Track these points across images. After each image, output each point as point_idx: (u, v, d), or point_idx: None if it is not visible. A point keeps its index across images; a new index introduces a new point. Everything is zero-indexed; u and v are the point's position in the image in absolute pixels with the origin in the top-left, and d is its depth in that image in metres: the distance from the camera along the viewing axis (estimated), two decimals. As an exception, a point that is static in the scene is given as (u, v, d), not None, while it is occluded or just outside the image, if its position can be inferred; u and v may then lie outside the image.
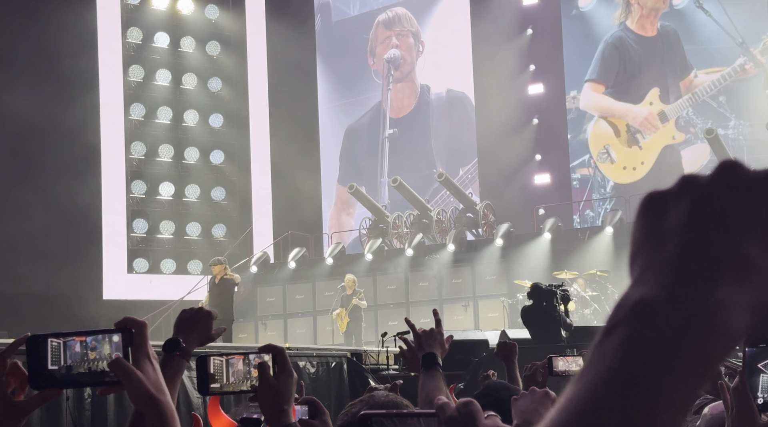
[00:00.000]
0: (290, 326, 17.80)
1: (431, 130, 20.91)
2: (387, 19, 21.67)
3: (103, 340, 1.33)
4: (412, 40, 21.34)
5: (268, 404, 1.60)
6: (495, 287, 16.22)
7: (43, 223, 18.01)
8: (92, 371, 1.32)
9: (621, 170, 18.87)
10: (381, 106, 21.58)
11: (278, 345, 1.67)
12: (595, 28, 19.35)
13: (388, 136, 21.37)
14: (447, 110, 20.79)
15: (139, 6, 20.57)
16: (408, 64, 21.34)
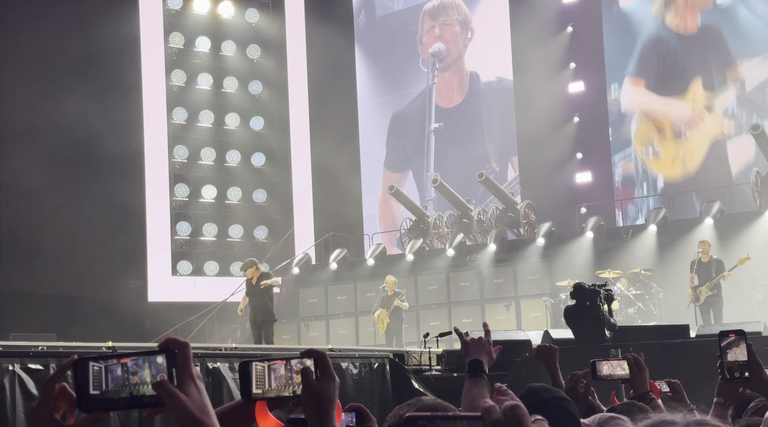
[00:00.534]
0: (332, 326, 17.86)
1: (482, 121, 20.80)
2: (432, 8, 21.65)
3: (143, 364, 1.34)
4: (458, 28, 21.27)
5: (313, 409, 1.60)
6: (537, 286, 16.11)
7: (90, 227, 18.31)
8: (134, 395, 1.33)
9: (669, 164, 18.60)
10: (427, 97, 21.57)
11: (320, 349, 1.67)
12: (636, 25, 19.14)
13: (433, 130, 21.34)
14: (497, 99, 20.68)
15: (180, 11, 20.80)
16: (454, 54, 21.28)
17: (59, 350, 6.90)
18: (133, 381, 1.33)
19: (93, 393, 1.33)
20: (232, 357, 7.88)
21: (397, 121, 21.93)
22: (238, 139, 20.97)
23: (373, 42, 22.41)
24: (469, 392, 2.49)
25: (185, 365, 1.34)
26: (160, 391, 1.30)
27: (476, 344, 2.64)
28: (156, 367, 1.33)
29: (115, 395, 1.33)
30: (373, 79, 22.39)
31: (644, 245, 15.52)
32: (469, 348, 2.63)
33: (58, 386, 1.40)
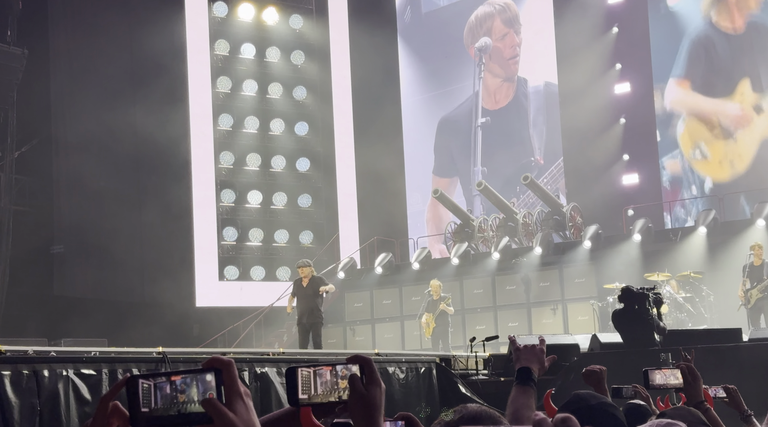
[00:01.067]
0: (378, 331, 17.88)
1: (529, 121, 20.69)
2: (484, 7, 21.57)
3: (191, 382, 1.36)
4: (508, 29, 21.20)
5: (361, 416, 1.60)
6: (584, 289, 15.96)
7: (138, 233, 18.58)
8: (182, 413, 1.36)
9: (717, 166, 18.30)
10: (474, 95, 21.50)
11: (366, 356, 1.67)
12: (684, 25, 18.88)
13: (480, 125, 21.28)
14: (545, 104, 20.56)
15: (225, 19, 21.03)
16: (502, 53, 21.19)
17: (111, 355, 7.01)
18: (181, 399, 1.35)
19: (143, 411, 1.36)
20: (280, 362, 7.94)
21: (445, 126, 21.89)
22: (283, 144, 21.13)
23: (419, 39, 22.43)
24: (516, 399, 2.47)
25: (232, 384, 1.36)
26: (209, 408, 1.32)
27: (528, 351, 2.62)
28: (204, 385, 1.35)
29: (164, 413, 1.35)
30: (417, 77, 22.40)
31: (694, 247, 15.30)
32: (521, 355, 2.61)
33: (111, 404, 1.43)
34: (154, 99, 18.69)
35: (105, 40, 18.53)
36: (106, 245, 17.62)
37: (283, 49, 21.45)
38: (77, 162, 18.09)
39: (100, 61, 18.30)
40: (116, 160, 18.13)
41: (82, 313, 16.10)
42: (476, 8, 21.64)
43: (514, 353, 2.63)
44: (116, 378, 6.52)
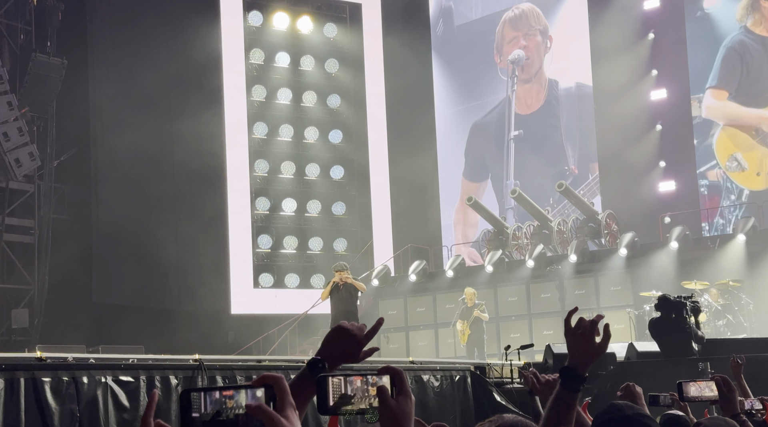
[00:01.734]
0: (412, 338, 17.87)
1: (561, 125, 20.59)
2: (514, 17, 21.52)
3: (239, 392, 1.40)
4: (539, 37, 21.13)
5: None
6: (620, 298, 15.82)
7: (174, 241, 18.75)
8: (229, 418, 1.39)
9: (755, 177, 18.06)
10: (507, 105, 21.45)
11: (396, 367, 1.67)
12: (722, 29, 18.67)
13: (513, 138, 21.21)
14: (577, 105, 20.44)
15: (261, 27, 21.21)
16: (535, 63, 21.13)
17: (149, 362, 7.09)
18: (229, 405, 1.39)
19: (194, 415, 1.40)
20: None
21: (476, 130, 21.86)
22: (317, 152, 21.23)
23: (451, 51, 22.42)
24: (556, 403, 2.27)
25: (284, 395, 1.39)
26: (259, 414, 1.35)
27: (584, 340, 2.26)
28: (253, 397, 1.39)
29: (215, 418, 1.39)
30: (450, 89, 22.39)
31: (732, 255, 15.10)
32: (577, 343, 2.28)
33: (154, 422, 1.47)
34: (191, 107, 18.88)
35: (142, 50, 18.77)
36: (143, 252, 17.82)
37: (317, 57, 21.57)
38: (115, 171, 18.33)
39: (137, 70, 18.55)
40: (153, 168, 18.33)
41: (120, 320, 16.28)
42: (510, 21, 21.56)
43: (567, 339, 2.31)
44: (153, 385, 6.59)
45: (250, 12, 21.06)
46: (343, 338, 2.06)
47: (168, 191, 18.90)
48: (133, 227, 17.74)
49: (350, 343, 2.06)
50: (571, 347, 2.30)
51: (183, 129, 18.56)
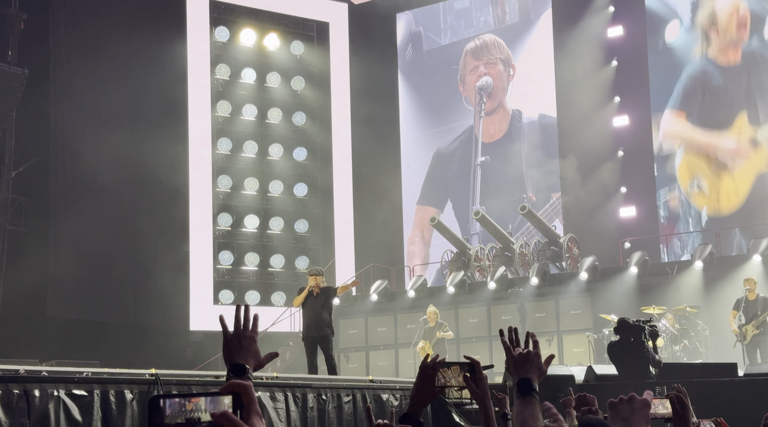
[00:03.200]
0: (372, 358, 17.80)
1: (522, 155, 20.77)
2: (475, 47, 21.71)
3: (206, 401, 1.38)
4: (501, 66, 21.32)
5: None
6: (580, 321, 15.92)
7: (134, 255, 18.53)
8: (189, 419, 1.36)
9: (714, 199, 18.35)
10: (472, 132, 21.57)
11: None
12: (682, 59, 19.01)
13: (480, 164, 21.32)
14: (538, 136, 20.64)
15: (227, 43, 21.16)
16: (499, 90, 21.32)
17: (103, 376, 6.97)
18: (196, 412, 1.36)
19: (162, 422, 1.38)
20: (274, 386, 7.89)
21: (439, 158, 21.93)
22: (281, 169, 21.17)
23: (419, 76, 22.53)
24: (521, 412, 2.39)
25: (251, 403, 1.36)
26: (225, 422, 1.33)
27: (525, 358, 2.50)
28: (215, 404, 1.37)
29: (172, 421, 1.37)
30: (417, 113, 22.48)
31: (690, 282, 15.28)
32: (517, 364, 2.50)
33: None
34: (154, 121, 18.74)
35: (107, 63, 18.61)
36: (100, 266, 17.57)
37: (283, 74, 21.56)
38: (75, 183, 18.09)
39: (100, 82, 18.37)
40: (115, 181, 18.13)
41: (76, 335, 16.01)
42: (472, 51, 21.75)
43: (509, 363, 2.52)
44: (108, 400, 6.47)
45: (216, 27, 21.00)
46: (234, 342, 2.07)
47: (129, 205, 18.70)
48: (92, 240, 17.49)
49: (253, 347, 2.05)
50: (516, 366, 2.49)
51: (146, 143, 18.40)
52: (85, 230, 17.63)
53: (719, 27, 18.37)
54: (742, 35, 18.22)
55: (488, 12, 21.76)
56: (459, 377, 2.26)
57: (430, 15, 22.39)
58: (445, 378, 2.24)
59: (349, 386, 8.84)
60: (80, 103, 18.25)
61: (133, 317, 18.69)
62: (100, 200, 17.93)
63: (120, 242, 17.97)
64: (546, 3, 20.83)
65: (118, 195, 18.30)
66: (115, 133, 17.97)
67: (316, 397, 8.27)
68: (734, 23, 18.24)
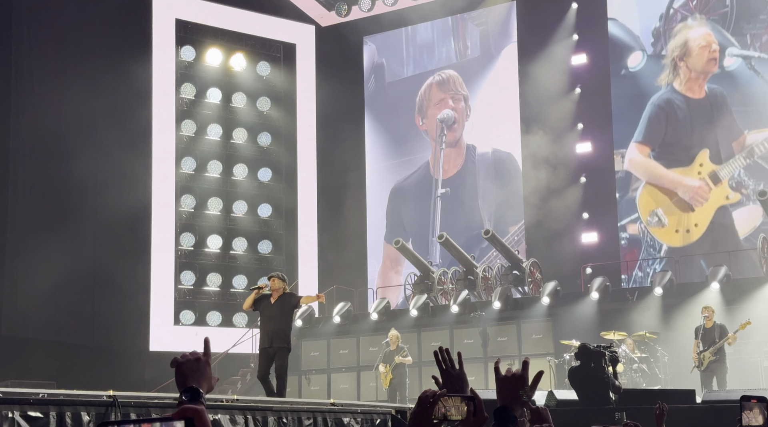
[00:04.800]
0: (334, 380, 17.71)
1: (478, 190, 20.91)
2: (441, 80, 21.86)
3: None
4: (463, 103, 21.52)
5: None
6: (541, 345, 16.00)
7: (92, 272, 18.30)
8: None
9: (673, 233, 18.60)
10: (429, 166, 21.64)
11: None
12: (645, 87, 19.31)
13: (440, 196, 21.40)
14: (493, 170, 20.81)
15: (193, 62, 21.10)
16: (459, 125, 21.47)
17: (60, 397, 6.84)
18: None
19: None
20: (233, 409, 7.81)
21: (396, 194, 21.92)
22: (245, 190, 21.09)
23: (381, 107, 22.61)
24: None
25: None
26: None
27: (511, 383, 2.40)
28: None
29: None
30: (379, 144, 22.53)
31: (650, 308, 15.44)
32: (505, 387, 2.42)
33: None
34: (118, 139, 18.58)
35: (71, 78, 18.43)
36: (58, 285, 17.30)
37: (249, 95, 21.54)
38: (35, 199, 17.85)
39: (64, 98, 18.19)
40: (76, 198, 17.92)
41: (32, 354, 15.73)
42: (438, 84, 21.90)
43: (497, 384, 2.43)
44: (64, 422, 6.36)
45: (182, 47, 20.95)
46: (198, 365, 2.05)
47: (89, 223, 18.48)
48: (49, 256, 17.24)
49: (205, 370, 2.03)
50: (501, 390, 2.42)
51: (109, 160, 18.23)
52: (42, 246, 17.37)
53: (690, 60, 18.68)
54: (711, 69, 18.54)
55: (450, 45, 21.95)
56: (461, 407, 2.21)
57: (393, 45, 22.51)
58: (446, 407, 2.21)
59: (310, 409, 8.78)
60: (43, 119, 18.04)
61: (92, 337, 18.42)
62: (59, 218, 17.70)
63: (79, 259, 17.73)
64: (507, 38, 21.08)
65: (79, 212, 18.08)
66: (78, 150, 17.79)
67: (276, 420, 8.20)
68: (705, 57, 18.57)
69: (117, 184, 18.33)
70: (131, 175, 18.84)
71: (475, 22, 21.56)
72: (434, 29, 22.01)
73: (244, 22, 21.59)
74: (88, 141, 18.33)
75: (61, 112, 18.08)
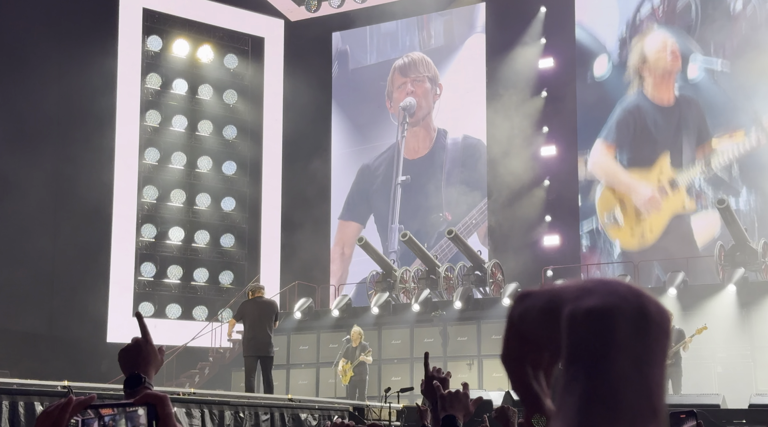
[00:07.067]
0: (293, 376, 17.66)
1: (444, 175, 20.97)
2: (403, 64, 21.91)
3: (121, 418, 1.33)
4: (428, 84, 21.55)
5: None
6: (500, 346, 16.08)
7: (51, 262, 18.07)
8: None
9: (629, 236, 18.84)
10: (396, 150, 21.70)
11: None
12: (610, 95, 19.49)
13: (401, 183, 21.45)
14: (461, 156, 20.88)
15: (159, 53, 20.90)
16: (424, 108, 21.52)
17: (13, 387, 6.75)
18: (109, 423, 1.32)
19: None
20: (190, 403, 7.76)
21: (365, 172, 21.99)
22: (209, 182, 20.95)
23: (346, 94, 22.62)
24: None
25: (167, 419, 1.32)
26: None
27: (453, 397, 2.53)
28: (134, 421, 1.32)
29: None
30: (345, 130, 22.53)
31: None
32: (445, 402, 2.53)
33: None
34: (80, 127, 18.36)
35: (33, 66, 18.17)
36: (15, 273, 17.05)
37: (216, 87, 21.39)
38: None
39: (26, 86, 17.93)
40: (35, 186, 17.67)
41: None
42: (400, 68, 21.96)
43: (439, 400, 2.56)
44: (17, 412, 6.27)
45: (149, 36, 20.74)
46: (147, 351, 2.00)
47: (49, 212, 18.24)
48: (8, 244, 16.99)
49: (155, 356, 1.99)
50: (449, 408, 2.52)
51: (71, 149, 18.01)
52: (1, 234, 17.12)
53: (650, 66, 18.90)
54: (674, 68, 18.74)
55: (414, 35, 22.01)
56: None
57: (357, 33, 22.53)
58: None
59: (267, 405, 8.76)
60: (4, 106, 17.76)
61: (48, 326, 18.18)
62: (18, 205, 17.44)
63: (39, 247, 17.49)
64: (471, 29, 21.20)
65: (39, 201, 17.84)
66: (40, 137, 17.55)
67: (233, 415, 8.16)
68: (665, 57, 18.78)
69: (78, 173, 18.10)
70: (93, 165, 18.61)
71: (440, 12, 21.66)
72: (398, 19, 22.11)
73: (213, 14, 21.44)
74: (50, 129, 18.09)
75: (23, 100, 17.81)
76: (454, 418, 2.48)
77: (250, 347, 10.65)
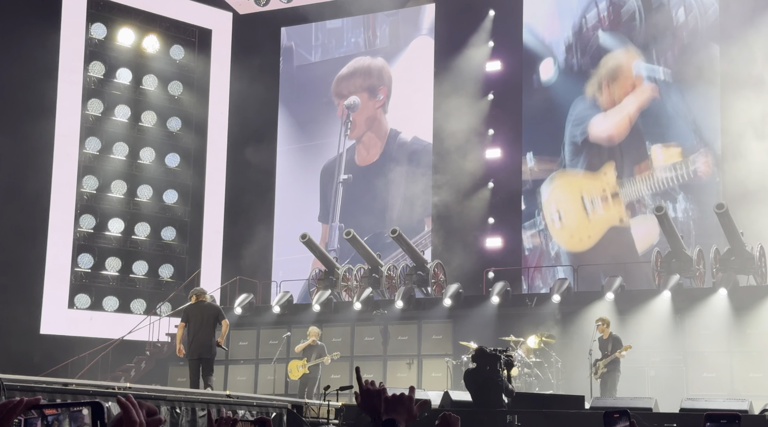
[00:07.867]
0: (231, 372, 17.51)
1: (390, 175, 20.97)
2: (350, 66, 21.89)
3: (64, 418, 1.29)
4: (376, 84, 21.54)
5: None
6: (440, 346, 16.17)
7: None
8: None
9: (569, 237, 19.10)
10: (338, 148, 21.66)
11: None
12: (556, 100, 19.70)
13: (342, 182, 21.42)
14: (409, 158, 20.91)
15: (103, 41, 20.53)
16: (369, 109, 21.50)
17: (-60, 378, 6.55)
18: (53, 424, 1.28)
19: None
20: (124, 398, 7.62)
21: (324, 174, 21.89)
22: (152, 174, 20.65)
23: (290, 91, 22.50)
24: None
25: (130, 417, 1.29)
26: None
27: (396, 401, 2.48)
28: (77, 421, 1.28)
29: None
30: (289, 126, 22.41)
31: (547, 314, 15.79)
32: (388, 405, 2.48)
33: None
34: (19, 114, 17.94)
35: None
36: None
37: (161, 78, 21.09)
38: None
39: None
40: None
41: None
42: (346, 64, 21.93)
43: (383, 403, 2.51)
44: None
45: (93, 24, 20.36)
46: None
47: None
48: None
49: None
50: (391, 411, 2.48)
51: (9, 136, 17.58)
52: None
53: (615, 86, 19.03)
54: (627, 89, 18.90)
55: (359, 34, 22.00)
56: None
57: (303, 32, 22.43)
58: None
59: (204, 401, 8.66)
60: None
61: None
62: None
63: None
64: (417, 30, 21.28)
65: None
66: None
67: (169, 410, 8.05)
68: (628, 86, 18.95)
69: (16, 161, 17.68)
70: (32, 153, 18.20)
71: (386, 13, 21.67)
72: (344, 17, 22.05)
73: (160, 3, 21.13)
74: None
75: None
76: (394, 422, 2.43)
77: (193, 350, 11.00)
